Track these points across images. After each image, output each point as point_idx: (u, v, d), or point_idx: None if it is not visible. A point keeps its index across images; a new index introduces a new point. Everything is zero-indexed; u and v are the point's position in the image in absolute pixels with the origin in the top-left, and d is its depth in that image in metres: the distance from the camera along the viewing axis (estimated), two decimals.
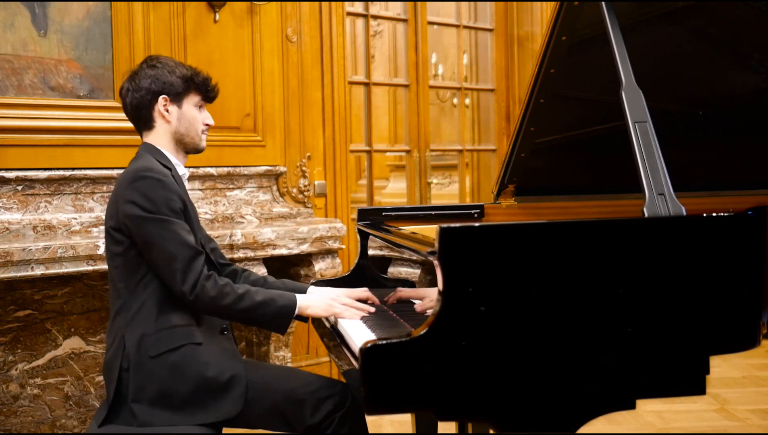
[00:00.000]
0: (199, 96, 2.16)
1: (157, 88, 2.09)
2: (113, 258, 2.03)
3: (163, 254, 1.93)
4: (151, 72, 2.10)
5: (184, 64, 2.18)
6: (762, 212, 1.71)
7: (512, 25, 5.26)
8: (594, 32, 2.09)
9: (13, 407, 2.92)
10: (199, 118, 2.16)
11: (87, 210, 3.09)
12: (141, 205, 1.94)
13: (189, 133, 2.14)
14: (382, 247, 2.40)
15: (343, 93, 4.18)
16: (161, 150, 2.11)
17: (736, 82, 2.38)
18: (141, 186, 1.95)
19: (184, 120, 2.13)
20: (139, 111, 2.12)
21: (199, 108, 2.16)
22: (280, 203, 3.73)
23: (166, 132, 2.12)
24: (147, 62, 2.14)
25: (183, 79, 2.12)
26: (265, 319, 2.00)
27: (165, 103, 2.10)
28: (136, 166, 2.01)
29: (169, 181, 1.99)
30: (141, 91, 2.09)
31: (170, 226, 1.94)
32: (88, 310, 3.09)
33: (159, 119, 2.11)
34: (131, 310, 1.99)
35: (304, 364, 3.92)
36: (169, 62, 2.14)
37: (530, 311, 1.56)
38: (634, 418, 3.51)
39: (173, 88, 2.10)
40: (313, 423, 1.98)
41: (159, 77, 2.09)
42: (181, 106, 2.12)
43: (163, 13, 3.41)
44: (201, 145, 2.18)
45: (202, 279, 1.93)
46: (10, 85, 3.03)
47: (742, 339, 1.67)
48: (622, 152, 1.88)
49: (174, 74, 2.11)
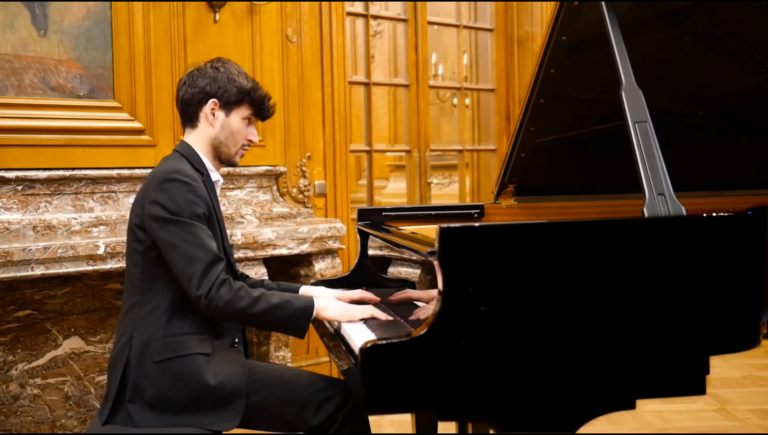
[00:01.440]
0: (251, 111, 2.13)
1: (211, 90, 2.08)
2: (133, 255, 2.02)
3: (184, 257, 1.91)
4: (212, 73, 2.09)
5: (248, 76, 2.14)
6: (762, 212, 1.71)
7: (512, 25, 5.26)
8: (594, 32, 2.09)
9: (13, 407, 2.92)
10: (243, 132, 2.12)
11: (87, 210, 3.09)
12: (166, 206, 1.93)
13: (227, 143, 2.11)
14: (382, 247, 2.40)
15: (343, 93, 4.18)
16: (198, 152, 2.10)
17: (736, 82, 2.38)
18: (168, 188, 1.94)
19: (227, 129, 2.10)
20: (187, 106, 2.11)
21: (247, 122, 2.13)
22: (280, 203, 3.73)
23: (207, 135, 2.10)
24: (213, 62, 2.13)
25: (240, 89, 2.09)
26: (283, 322, 1.96)
27: (213, 107, 2.08)
28: (167, 168, 2.00)
29: (197, 186, 1.98)
30: (195, 89, 2.08)
31: (192, 229, 1.92)
32: (88, 310, 3.09)
33: (203, 120, 2.10)
34: (143, 309, 1.98)
35: (304, 364, 3.92)
36: (234, 70, 2.11)
37: (530, 311, 1.56)
38: (634, 418, 3.51)
39: (226, 95, 2.08)
40: (315, 424, 1.98)
41: (217, 80, 2.08)
42: (229, 114, 2.10)
43: (163, 13, 3.41)
44: (235, 159, 2.15)
45: (217, 284, 1.90)
46: (10, 85, 3.03)
47: (742, 339, 1.67)
48: (622, 152, 1.88)
49: (233, 82, 2.09)
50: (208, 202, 2.01)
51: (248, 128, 2.14)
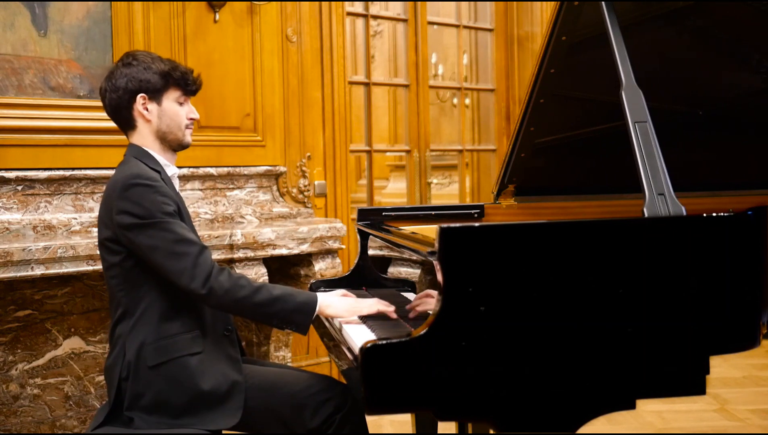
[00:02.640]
0: (180, 91, 2.07)
1: (134, 86, 2.01)
2: (110, 268, 1.99)
3: (167, 255, 1.88)
4: (127, 70, 2.03)
5: (162, 58, 2.08)
6: (762, 212, 1.71)
7: (512, 25, 5.26)
8: (594, 32, 2.09)
9: (13, 407, 2.92)
10: (182, 113, 2.07)
11: (87, 210, 3.09)
12: (134, 213, 1.89)
13: (171, 129, 2.06)
14: (382, 247, 2.40)
15: (343, 93, 4.18)
16: (148, 151, 2.05)
17: (736, 82, 2.38)
18: (132, 195, 1.90)
19: (165, 117, 2.05)
20: (119, 112, 2.05)
21: (181, 103, 2.08)
22: (280, 203, 3.73)
23: (149, 131, 2.05)
24: (123, 60, 2.06)
25: (160, 74, 2.03)
26: (285, 315, 1.93)
27: (144, 102, 2.02)
28: (125, 174, 1.95)
29: (159, 186, 1.94)
30: (118, 92, 2.02)
31: (168, 226, 1.90)
32: (88, 310, 3.09)
33: (139, 119, 2.04)
34: (132, 318, 1.96)
35: (304, 364, 3.92)
36: (146, 58, 2.05)
37: (530, 311, 1.56)
38: (634, 418, 3.51)
39: (151, 86, 2.02)
40: (313, 426, 1.96)
41: (135, 75, 2.02)
42: (160, 103, 2.04)
43: (163, 13, 3.41)
44: (185, 140, 2.09)
45: (215, 272, 1.88)
46: (10, 85, 3.03)
47: (742, 339, 1.67)
48: (622, 152, 1.88)
49: (150, 70, 2.02)
50: (174, 199, 1.98)
51: (184, 107, 2.09)
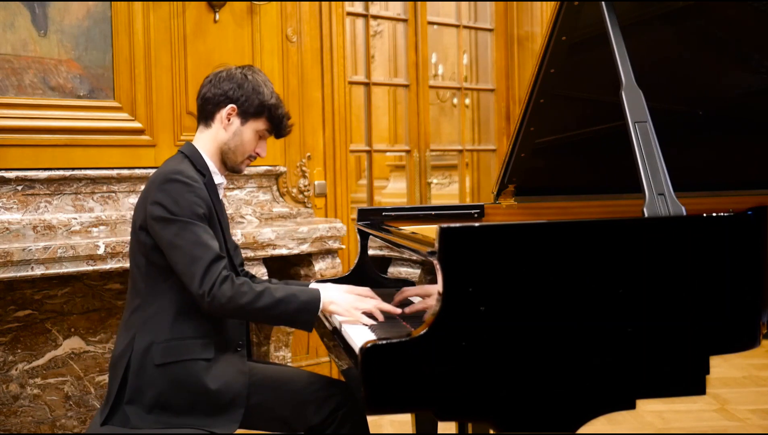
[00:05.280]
0: (267, 126, 2.12)
1: (234, 96, 2.07)
2: (136, 256, 2.02)
3: (185, 256, 1.90)
4: (240, 79, 2.09)
5: (274, 90, 2.14)
6: (762, 212, 1.71)
7: (512, 25, 5.26)
8: (594, 32, 2.09)
9: (13, 407, 2.92)
10: (254, 144, 2.12)
11: (87, 210, 3.09)
12: (167, 206, 1.93)
13: (235, 151, 2.10)
14: (382, 247, 2.40)
15: (343, 93, 4.18)
16: (203, 154, 2.09)
17: (736, 82, 2.38)
18: (169, 189, 1.94)
19: (239, 137, 2.09)
20: (206, 104, 2.10)
21: (260, 136, 2.13)
22: (280, 203, 3.73)
23: (218, 138, 2.10)
24: (243, 69, 2.12)
25: (261, 102, 2.09)
26: (288, 316, 1.95)
27: (231, 113, 2.08)
28: (169, 169, 2.00)
29: (197, 187, 1.98)
30: (218, 90, 2.08)
31: (193, 228, 1.92)
32: (88, 310, 3.09)
33: (218, 122, 2.09)
34: (147, 312, 1.98)
35: (304, 364, 3.92)
36: (261, 81, 2.11)
37: (530, 311, 1.56)
38: (634, 418, 3.51)
39: (247, 105, 2.08)
40: (315, 423, 1.98)
41: (242, 87, 2.07)
42: (244, 123, 2.09)
43: (163, 13, 3.41)
44: (240, 167, 2.14)
45: (219, 281, 1.90)
46: (10, 85, 3.03)
47: (742, 339, 1.67)
48: (622, 152, 1.88)
49: (257, 94, 2.08)
50: (209, 203, 2.01)
51: (259, 141, 2.14)
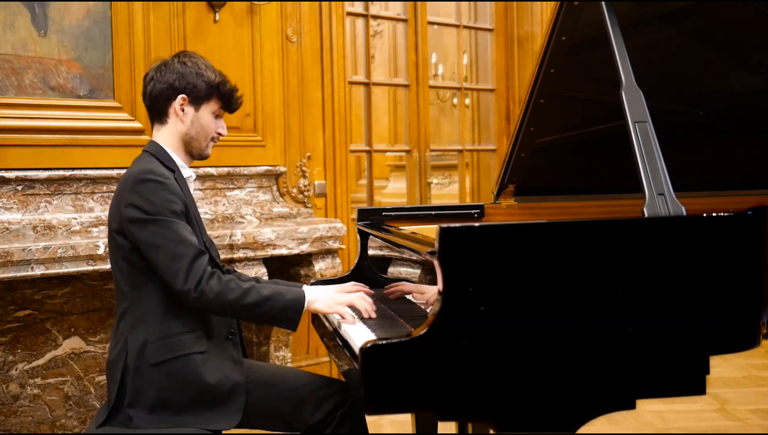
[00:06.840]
0: (220, 104, 2.12)
1: (179, 85, 2.06)
2: (117, 261, 2.01)
3: (166, 255, 1.90)
4: (180, 68, 2.07)
5: (214, 68, 2.12)
6: (762, 212, 1.71)
7: (512, 25, 5.26)
8: (594, 32, 2.09)
9: (13, 407, 2.92)
10: (213, 125, 2.12)
11: (87, 210, 3.09)
12: (142, 207, 1.91)
13: (198, 138, 2.10)
14: (382, 247, 2.40)
15: (343, 93, 4.18)
16: (167, 150, 2.08)
17: (736, 82, 2.38)
18: (142, 189, 1.93)
19: (197, 124, 2.09)
20: (156, 103, 2.09)
21: (216, 116, 2.12)
22: (280, 203, 3.73)
23: (177, 131, 2.09)
24: (179, 57, 2.10)
25: (208, 84, 2.08)
26: (274, 314, 1.95)
27: (182, 103, 2.07)
28: (139, 169, 1.99)
29: (170, 184, 1.97)
30: (163, 84, 2.06)
31: (172, 226, 1.91)
32: (88, 310, 3.09)
33: (173, 116, 2.08)
34: (136, 313, 1.97)
35: (304, 364, 3.92)
36: (200, 63, 2.10)
37: (530, 311, 1.56)
38: (634, 418, 3.51)
39: (195, 91, 2.07)
40: (313, 422, 1.98)
41: (185, 76, 2.06)
42: (198, 109, 2.09)
43: (163, 13, 3.41)
44: (206, 152, 2.14)
45: (206, 277, 1.90)
46: (10, 85, 3.03)
47: (742, 339, 1.67)
48: (622, 152, 1.88)
49: (201, 77, 2.07)
50: (183, 199, 2.00)
51: (217, 121, 2.13)
